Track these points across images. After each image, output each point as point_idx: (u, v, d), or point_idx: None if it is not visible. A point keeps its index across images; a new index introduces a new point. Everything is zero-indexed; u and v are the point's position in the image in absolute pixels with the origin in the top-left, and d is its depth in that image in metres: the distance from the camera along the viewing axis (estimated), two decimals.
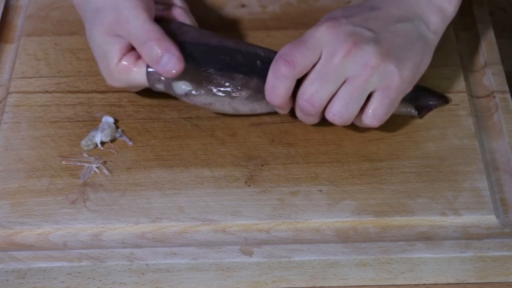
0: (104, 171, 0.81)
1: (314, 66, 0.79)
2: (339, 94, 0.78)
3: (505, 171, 0.82)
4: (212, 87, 0.81)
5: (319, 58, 0.78)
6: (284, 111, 0.82)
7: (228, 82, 0.81)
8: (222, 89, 0.81)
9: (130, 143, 0.83)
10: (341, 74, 0.78)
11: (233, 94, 0.81)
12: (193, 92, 0.82)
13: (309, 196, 0.79)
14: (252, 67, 0.81)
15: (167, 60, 0.79)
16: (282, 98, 0.79)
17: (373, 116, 0.79)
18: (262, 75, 0.81)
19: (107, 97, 0.87)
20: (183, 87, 0.82)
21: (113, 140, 0.83)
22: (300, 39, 0.79)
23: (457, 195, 0.80)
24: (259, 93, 0.81)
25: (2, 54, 0.92)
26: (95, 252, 0.77)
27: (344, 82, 0.78)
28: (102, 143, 0.83)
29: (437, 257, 0.76)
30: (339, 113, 0.78)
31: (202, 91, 0.81)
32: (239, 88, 0.81)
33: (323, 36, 0.78)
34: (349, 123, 0.79)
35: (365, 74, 0.77)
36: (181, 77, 0.80)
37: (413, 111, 0.83)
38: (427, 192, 0.80)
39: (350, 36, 0.78)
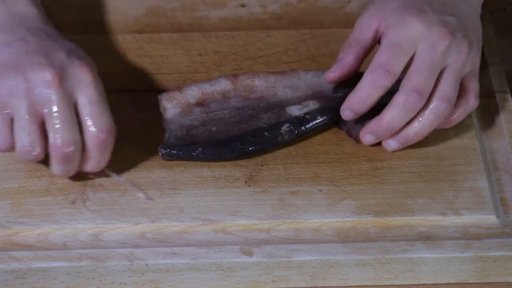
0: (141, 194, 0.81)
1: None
2: (445, 79, 0.79)
3: (505, 171, 0.82)
4: None
5: (415, 52, 0.79)
6: (355, 117, 0.81)
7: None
8: None
9: None
10: (442, 63, 0.78)
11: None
12: None
13: (309, 196, 0.79)
14: (263, 141, 0.82)
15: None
16: (370, 106, 0.80)
17: (476, 96, 0.81)
18: (273, 143, 0.82)
19: (107, 97, 0.87)
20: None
21: None
22: (394, 43, 0.78)
23: (457, 195, 0.79)
24: None
25: None
26: (95, 252, 0.77)
27: (442, 71, 0.79)
28: None
29: (437, 257, 0.76)
30: (449, 95, 0.79)
31: None
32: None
33: (418, 32, 0.78)
34: (451, 111, 0.80)
35: (461, 60, 0.79)
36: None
37: None
38: (427, 192, 0.80)
39: (444, 26, 0.78)
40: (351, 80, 0.85)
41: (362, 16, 0.83)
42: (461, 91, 0.80)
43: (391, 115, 0.79)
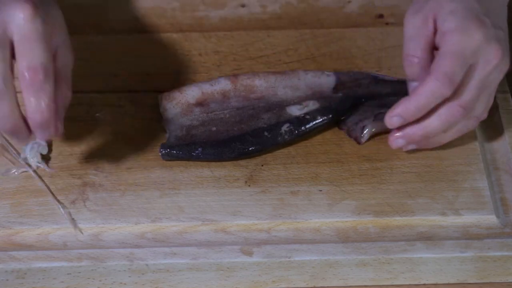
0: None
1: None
2: (482, 98, 0.78)
3: (506, 171, 0.82)
4: None
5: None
6: (402, 124, 0.79)
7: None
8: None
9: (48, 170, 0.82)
10: (489, 78, 0.77)
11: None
12: None
13: (309, 196, 0.79)
14: (263, 141, 0.82)
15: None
16: (423, 114, 0.77)
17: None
18: (273, 143, 0.82)
19: (107, 97, 0.87)
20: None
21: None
22: (459, 52, 0.75)
23: (457, 195, 0.79)
24: None
25: None
26: (95, 252, 0.77)
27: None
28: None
29: (437, 257, 0.76)
30: (481, 114, 0.79)
31: None
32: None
33: (479, 44, 0.75)
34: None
35: (499, 77, 0.78)
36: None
37: None
38: (427, 192, 0.80)
39: (498, 43, 0.76)
40: (352, 80, 0.85)
41: (411, 14, 0.79)
42: None
43: (430, 123, 0.78)
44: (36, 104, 0.72)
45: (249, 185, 0.80)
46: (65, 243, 0.77)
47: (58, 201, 0.79)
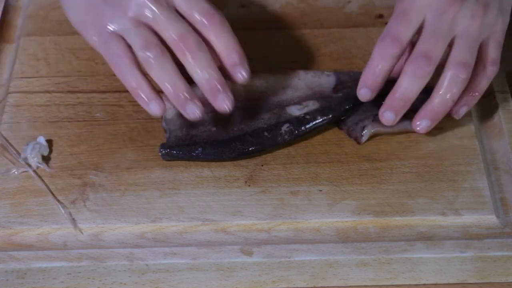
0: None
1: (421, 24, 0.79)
2: (457, 45, 0.79)
3: (505, 171, 0.82)
4: None
5: (423, 20, 0.78)
6: (372, 95, 0.80)
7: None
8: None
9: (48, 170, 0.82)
10: (452, 29, 0.78)
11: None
12: None
13: (309, 196, 0.79)
14: (263, 141, 0.82)
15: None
16: (383, 79, 0.79)
17: (493, 63, 0.80)
18: (273, 143, 0.82)
19: (107, 97, 0.87)
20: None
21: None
22: (401, 11, 0.79)
23: (457, 195, 0.79)
24: None
25: (2, 54, 0.92)
26: (95, 252, 0.77)
27: (454, 38, 0.79)
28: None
29: (437, 257, 0.76)
30: (465, 59, 0.79)
31: None
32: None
33: (425, 1, 0.78)
34: (469, 75, 0.79)
35: (475, 24, 0.78)
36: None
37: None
38: (427, 192, 0.80)
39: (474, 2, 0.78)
40: (352, 80, 0.85)
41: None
42: (478, 58, 0.80)
43: (401, 84, 0.79)
44: (225, 41, 0.79)
45: (249, 185, 0.80)
46: (65, 243, 0.77)
47: (58, 201, 0.79)
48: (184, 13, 0.79)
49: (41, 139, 0.82)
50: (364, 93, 0.80)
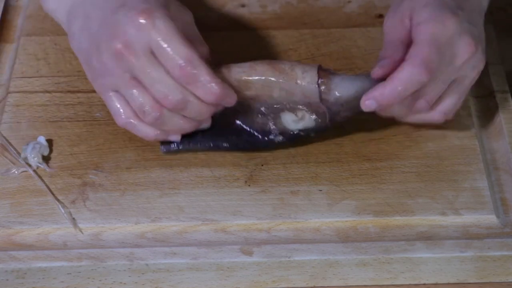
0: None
1: None
2: (451, 94, 0.78)
3: (505, 171, 0.82)
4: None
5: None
6: (377, 109, 0.78)
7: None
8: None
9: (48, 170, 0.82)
10: (455, 75, 0.77)
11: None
12: None
13: (309, 196, 0.79)
14: (257, 143, 0.82)
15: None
16: (400, 101, 0.77)
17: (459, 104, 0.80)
18: (266, 146, 0.82)
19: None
20: None
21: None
22: (435, 38, 0.75)
23: (457, 195, 0.80)
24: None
25: (2, 54, 0.92)
26: (95, 252, 0.77)
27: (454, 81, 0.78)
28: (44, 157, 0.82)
29: (437, 257, 0.76)
30: (449, 111, 0.79)
31: None
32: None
33: (452, 32, 0.76)
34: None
35: (473, 75, 0.78)
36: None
37: None
38: (427, 192, 0.80)
39: (471, 38, 0.76)
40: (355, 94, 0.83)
41: (389, 16, 0.80)
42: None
43: (396, 112, 0.79)
44: (204, 91, 0.76)
45: (249, 185, 0.80)
46: (65, 243, 0.77)
47: (59, 200, 0.79)
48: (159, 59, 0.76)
49: (42, 139, 0.82)
50: (370, 104, 0.77)
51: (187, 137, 0.81)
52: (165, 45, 0.74)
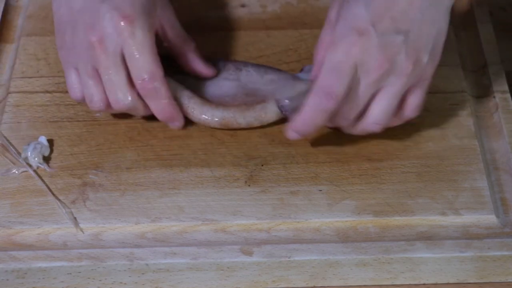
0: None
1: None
2: (377, 103, 0.78)
3: (505, 171, 0.82)
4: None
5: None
6: (301, 137, 0.81)
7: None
8: None
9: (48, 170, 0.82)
10: (376, 87, 0.77)
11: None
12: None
13: (309, 196, 0.79)
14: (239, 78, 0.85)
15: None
16: (316, 128, 0.79)
17: (412, 110, 0.79)
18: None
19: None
20: None
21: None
22: (335, 66, 0.76)
23: (457, 195, 0.80)
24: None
25: (2, 54, 0.92)
26: (95, 252, 0.77)
27: (378, 90, 0.77)
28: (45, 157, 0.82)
29: (437, 257, 0.76)
30: (379, 121, 0.78)
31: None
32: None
33: (356, 56, 0.75)
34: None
35: (400, 82, 0.77)
36: None
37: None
38: (427, 192, 0.80)
39: (382, 53, 0.75)
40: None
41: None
42: (401, 102, 0.78)
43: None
44: (156, 107, 0.82)
45: (249, 185, 0.80)
46: (65, 243, 0.77)
47: (59, 200, 0.79)
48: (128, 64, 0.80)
49: (43, 139, 0.82)
50: (291, 135, 0.80)
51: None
52: (137, 55, 0.79)
